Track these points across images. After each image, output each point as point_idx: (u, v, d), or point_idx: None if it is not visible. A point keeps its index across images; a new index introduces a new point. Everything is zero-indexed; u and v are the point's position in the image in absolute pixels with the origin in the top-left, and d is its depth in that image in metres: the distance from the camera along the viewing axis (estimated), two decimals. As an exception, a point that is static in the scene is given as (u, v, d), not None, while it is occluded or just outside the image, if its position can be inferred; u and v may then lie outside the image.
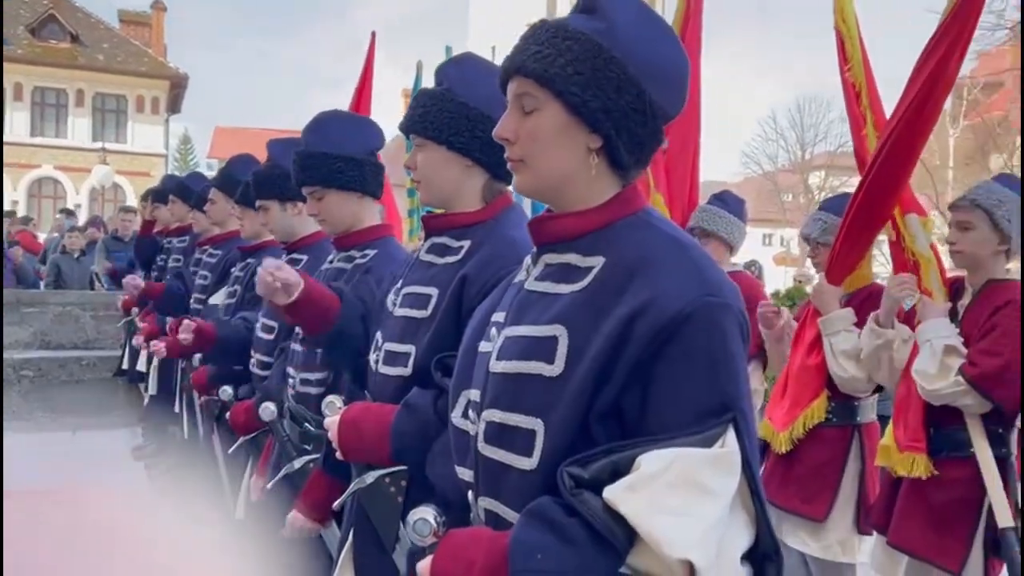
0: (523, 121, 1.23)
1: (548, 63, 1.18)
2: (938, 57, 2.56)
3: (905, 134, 2.67)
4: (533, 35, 1.23)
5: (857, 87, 3.06)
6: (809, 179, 32.30)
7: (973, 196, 2.66)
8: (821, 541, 2.98)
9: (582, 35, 1.18)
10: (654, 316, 1.09)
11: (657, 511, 1.02)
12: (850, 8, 3.12)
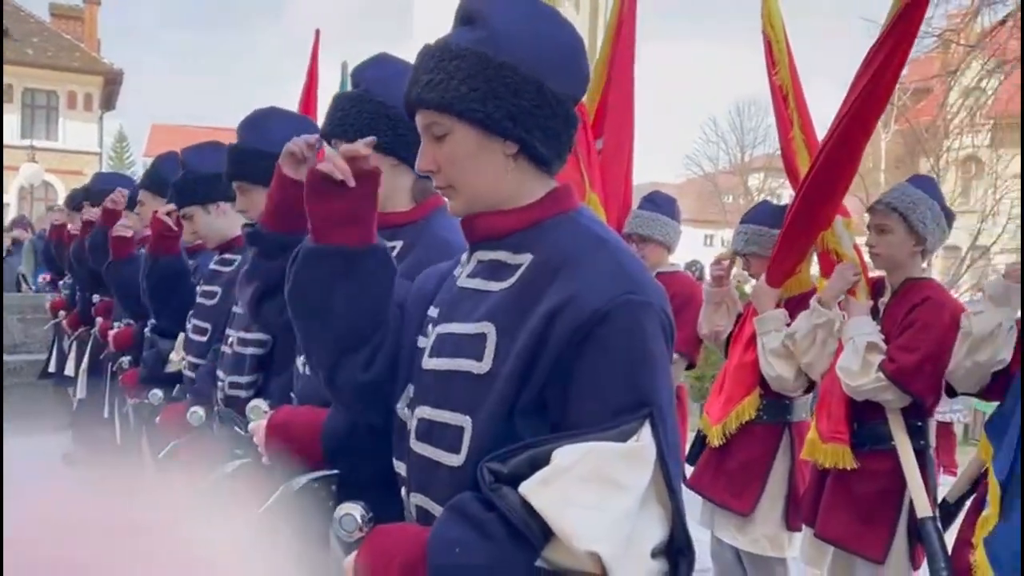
0: (438, 149, 1.24)
1: (443, 90, 1.19)
2: (876, 67, 2.63)
3: (844, 141, 2.74)
4: (422, 64, 1.24)
5: (784, 90, 3.14)
6: (749, 181, 32.92)
7: (889, 200, 2.75)
8: (749, 535, 3.05)
9: (467, 51, 1.19)
10: (574, 313, 1.11)
11: (568, 504, 1.04)
12: (777, 13, 3.20)
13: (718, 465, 3.12)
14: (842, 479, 2.72)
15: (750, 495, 3.03)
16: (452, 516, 1.12)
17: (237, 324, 2.27)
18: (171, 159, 3.52)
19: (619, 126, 3.59)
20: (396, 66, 1.77)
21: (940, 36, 10.57)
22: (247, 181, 2.18)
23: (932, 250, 2.80)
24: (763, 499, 3.03)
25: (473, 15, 1.22)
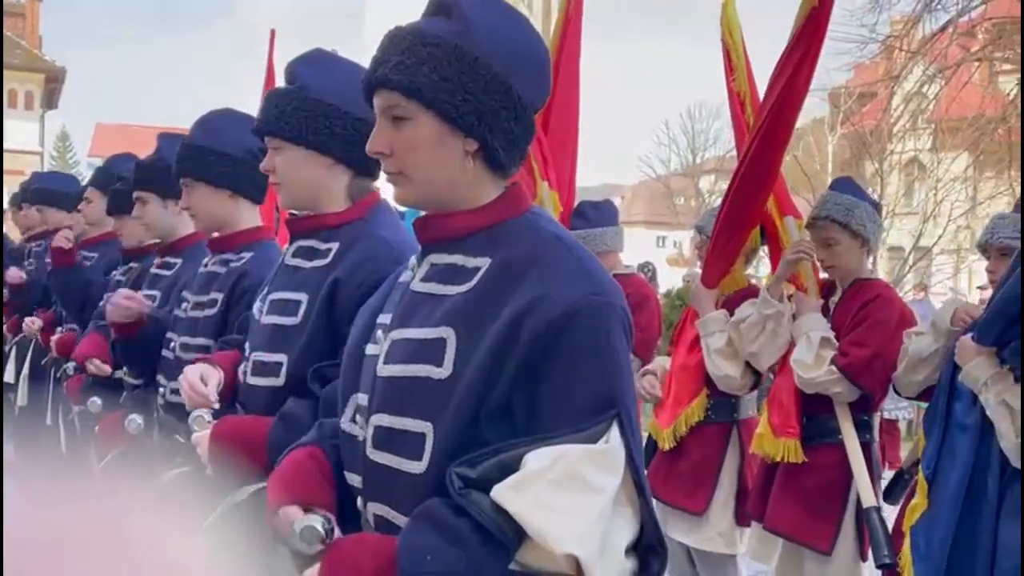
0: (395, 133, 1.21)
1: (412, 74, 1.16)
2: (788, 73, 2.69)
3: (765, 143, 2.81)
4: (391, 44, 1.21)
5: (742, 96, 3.20)
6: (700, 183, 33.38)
7: (826, 213, 2.83)
8: (703, 534, 3.09)
9: (441, 40, 1.17)
10: (540, 315, 1.11)
11: (542, 508, 1.04)
12: (735, 21, 3.26)
13: (670, 467, 3.15)
14: (791, 472, 2.78)
15: (702, 495, 3.07)
16: (421, 523, 1.11)
17: (180, 328, 2.23)
18: (124, 159, 3.44)
19: (563, 127, 3.60)
20: (333, 63, 1.75)
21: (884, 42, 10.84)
22: (192, 177, 2.14)
23: (875, 247, 2.91)
24: (715, 497, 3.07)
25: (449, 7, 1.21)
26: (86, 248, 3.85)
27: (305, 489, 1.30)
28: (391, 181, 1.27)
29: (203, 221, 2.20)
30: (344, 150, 1.68)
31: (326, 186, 1.71)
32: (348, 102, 1.67)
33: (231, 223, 2.20)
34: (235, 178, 2.15)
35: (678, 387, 3.20)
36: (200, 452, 1.68)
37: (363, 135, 1.68)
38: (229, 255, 2.18)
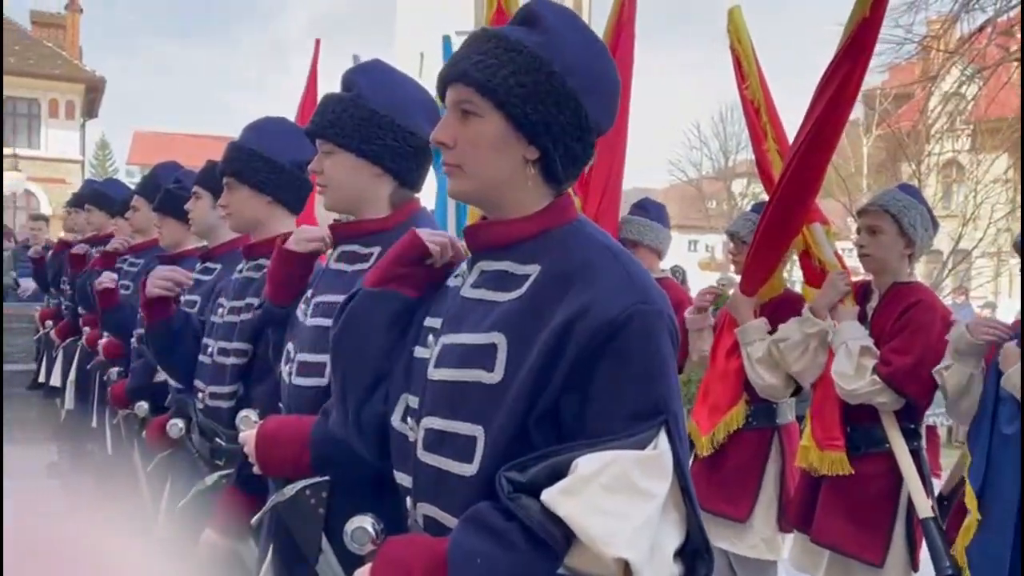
0: (462, 127, 1.24)
1: (491, 73, 1.19)
2: (839, 78, 2.67)
3: (810, 152, 2.79)
4: (475, 43, 1.24)
5: (756, 103, 3.19)
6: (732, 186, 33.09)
7: (881, 202, 2.80)
8: (747, 541, 3.07)
9: (524, 47, 1.20)
10: (590, 322, 1.12)
11: (593, 512, 1.05)
12: (743, 28, 3.26)
13: (710, 474, 3.13)
14: (837, 484, 2.74)
15: (745, 501, 3.05)
16: (471, 526, 1.12)
17: (216, 333, 2.26)
18: (169, 167, 3.51)
19: (613, 135, 3.60)
20: (390, 75, 1.78)
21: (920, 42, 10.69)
22: (236, 179, 2.17)
23: (919, 255, 2.85)
24: (758, 504, 3.05)
25: (535, 19, 1.24)
26: (132, 254, 3.94)
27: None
28: (448, 173, 1.29)
29: (237, 221, 2.24)
30: (392, 161, 1.71)
31: (370, 193, 1.74)
32: (401, 114, 1.70)
33: (264, 228, 2.23)
34: (278, 186, 2.19)
35: (716, 393, 3.18)
36: (247, 451, 1.72)
37: (412, 148, 1.72)
38: (263, 260, 2.22)
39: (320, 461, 1.63)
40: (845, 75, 2.67)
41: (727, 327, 3.23)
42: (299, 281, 1.91)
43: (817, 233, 3.02)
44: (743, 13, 3.25)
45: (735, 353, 3.14)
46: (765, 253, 3.04)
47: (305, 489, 1.65)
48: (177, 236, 3.17)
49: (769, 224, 2.96)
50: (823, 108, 2.70)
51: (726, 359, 3.19)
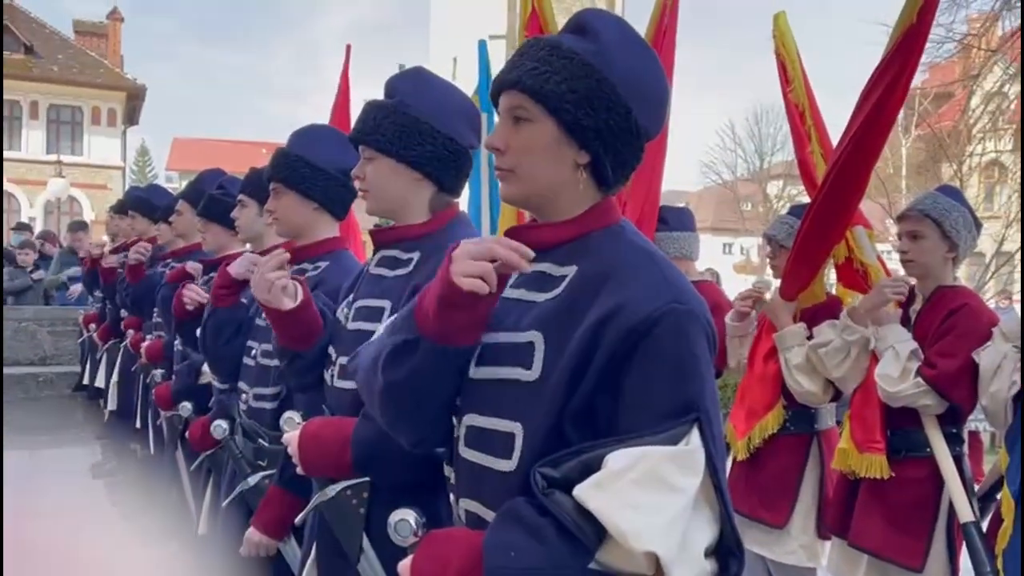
0: (514, 133, 1.27)
1: (544, 80, 1.23)
2: (885, 83, 2.64)
3: (854, 157, 2.75)
4: (528, 51, 1.27)
5: (800, 107, 3.17)
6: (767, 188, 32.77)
7: (922, 207, 2.76)
8: (784, 547, 3.03)
9: (575, 55, 1.23)
10: (623, 320, 1.14)
11: (623, 506, 1.06)
12: (789, 33, 3.23)
13: (747, 479, 3.10)
14: (876, 487, 2.71)
15: (783, 507, 3.01)
16: (506, 521, 1.15)
17: (260, 337, 2.30)
18: (214, 174, 3.58)
19: (654, 141, 3.56)
20: (432, 82, 1.80)
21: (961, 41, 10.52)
22: (284, 184, 2.22)
23: (963, 257, 2.80)
24: (796, 510, 3.02)
25: (587, 27, 1.27)
26: (176, 258, 4.01)
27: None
28: (500, 178, 1.32)
29: (283, 226, 2.27)
30: (432, 166, 1.74)
31: (410, 198, 1.77)
32: (441, 120, 1.73)
33: (309, 233, 2.27)
34: (324, 192, 2.23)
35: (753, 398, 3.16)
36: (290, 451, 1.75)
37: (452, 154, 1.75)
38: (306, 264, 2.26)
39: (361, 462, 1.66)
40: (891, 81, 2.63)
41: (765, 331, 3.20)
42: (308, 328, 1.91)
43: (860, 236, 2.99)
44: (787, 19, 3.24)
45: (773, 357, 3.11)
46: (807, 257, 3.00)
47: (346, 489, 1.68)
48: (221, 241, 3.23)
49: (811, 228, 2.93)
50: (867, 113, 2.67)
51: (764, 363, 3.17)
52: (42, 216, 26.76)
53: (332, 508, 1.69)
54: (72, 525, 0.93)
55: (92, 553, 0.80)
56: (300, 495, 1.90)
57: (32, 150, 27.88)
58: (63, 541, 0.83)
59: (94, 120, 28.79)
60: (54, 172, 23.07)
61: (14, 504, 0.97)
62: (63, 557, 1.11)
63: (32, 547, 0.92)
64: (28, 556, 0.91)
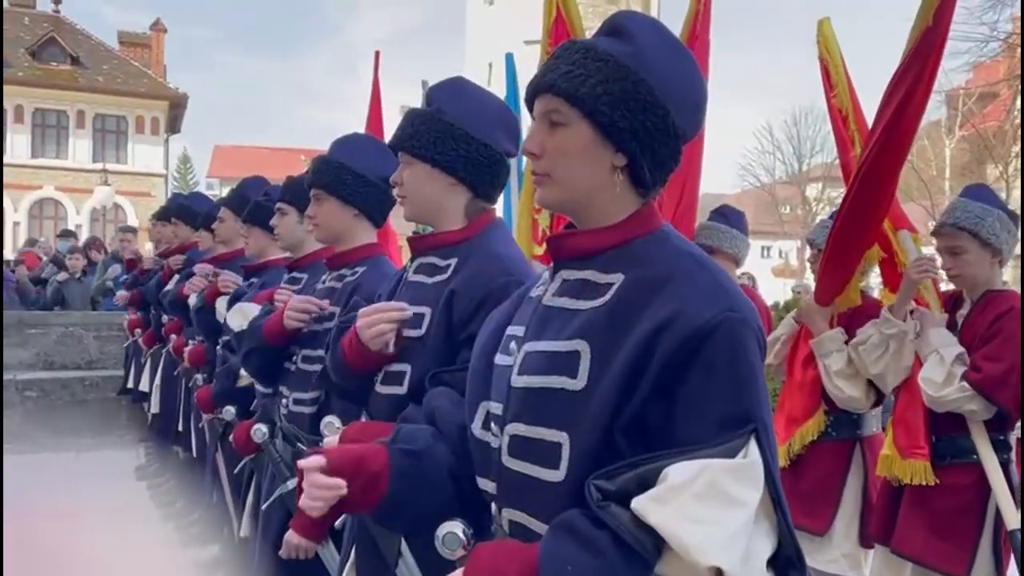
0: (550, 137, 1.26)
1: (579, 83, 1.22)
2: (905, 88, 2.61)
3: (880, 161, 2.72)
4: (563, 55, 1.27)
5: (844, 111, 3.14)
6: (806, 191, 32.39)
7: (954, 220, 2.70)
8: (826, 555, 2.99)
9: (611, 57, 1.22)
10: (678, 330, 1.12)
11: (685, 520, 1.05)
12: (833, 38, 3.20)
13: (790, 485, 3.04)
14: (920, 493, 2.66)
15: (824, 514, 2.97)
16: (561, 533, 1.13)
17: (302, 342, 2.32)
18: (256, 181, 3.65)
19: (688, 156, 3.53)
20: (469, 91, 1.82)
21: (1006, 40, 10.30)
22: (326, 191, 2.24)
23: (1007, 258, 2.75)
24: (838, 517, 2.98)
25: (622, 29, 1.26)
26: (218, 264, 4.09)
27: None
28: (537, 182, 1.31)
29: (323, 232, 2.30)
30: (468, 172, 1.76)
31: (446, 203, 1.79)
32: (476, 126, 1.75)
33: (348, 239, 2.30)
34: (365, 199, 2.26)
35: (793, 404, 3.12)
36: None
37: (488, 160, 1.76)
38: (344, 270, 2.29)
39: None
40: (911, 85, 2.60)
41: (803, 337, 3.16)
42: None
43: (904, 240, 2.94)
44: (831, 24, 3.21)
45: (812, 363, 3.07)
46: (838, 261, 2.97)
47: None
48: (262, 245, 3.29)
49: (841, 234, 2.90)
50: (888, 119, 2.65)
51: (803, 369, 3.13)
52: (88, 223, 27.38)
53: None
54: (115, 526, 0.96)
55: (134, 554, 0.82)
56: None
57: (79, 159, 28.56)
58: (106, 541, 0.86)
59: (138, 129, 29.41)
60: (100, 180, 23.60)
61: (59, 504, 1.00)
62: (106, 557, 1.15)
63: (75, 546, 0.95)
64: (72, 555, 0.94)
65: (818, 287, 3.09)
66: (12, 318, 7.19)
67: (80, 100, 28.42)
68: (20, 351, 7.06)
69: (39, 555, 0.92)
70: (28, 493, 2.95)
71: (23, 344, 7.08)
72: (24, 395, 6.59)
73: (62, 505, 2.55)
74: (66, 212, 28.33)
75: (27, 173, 27.73)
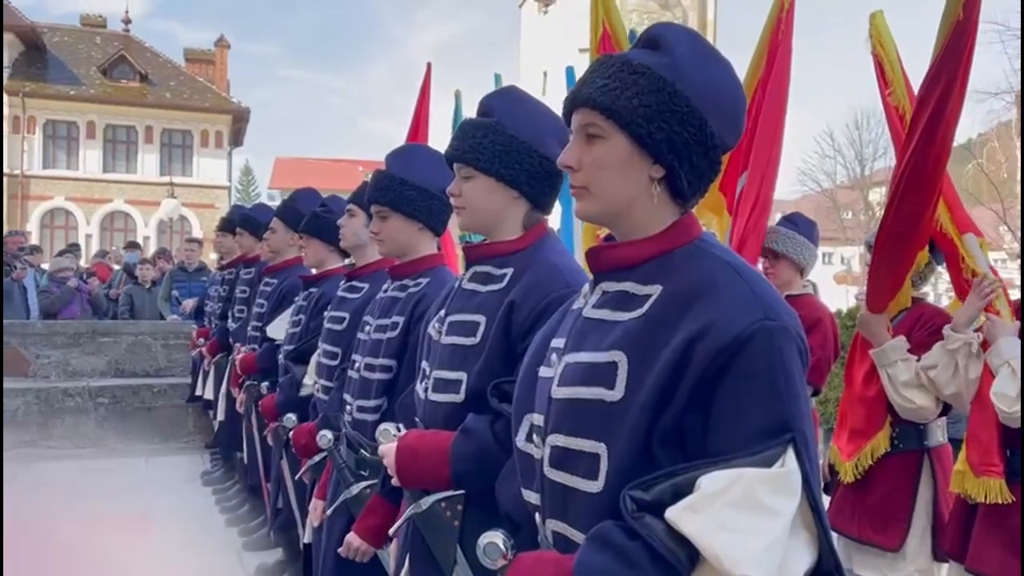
0: (587, 150, 1.27)
1: (615, 96, 1.22)
2: (940, 88, 2.56)
3: (920, 164, 2.67)
4: (599, 68, 1.27)
5: (900, 110, 3.06)
6: (869, 195, 31.60)
7: None
8: (899, 571, 2.91)
9: (647, 69, 1.23)
10: (713, 339, 1.11)
11: (719, 529, 1.04)
12: (887, 33, 3.13)
13: (856, 501, 2.99)
14: (994, 511, 2.57)
15: (896, 529, 2.89)
16: (595, 545, 1.13)
17: (364, 350, 2.36)
18: (308, 193, 3.72)
19: (768, 148, 3.43)
20: (526, 101, 1.83)
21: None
22: (389, 207, 2.27)
23: None
24: (911, 532, 2.89)
25: (658, 41, 1.27)
26: (270, 275, 4.18)
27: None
28: (575, 195, 1.31)
29: (389, 247, 2.33)
30: (529, 184, 1.77)
31: (505, 215, 1.80)
32: (537, 140, 1.76)
33: (412, 251, 2.33)
34: (428, 212, 2.28)
35: (857, 418, 3.03)
36: (387, 463, 1.79)
37: (547, 172, 1.77)
38: (407, 281, 2.32)
39: (460, 477, 1.68)
40: (947, 83, 2.54)
41: (860, 348, 3.09)
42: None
43: (970, 244, 2.85)
44: (885, 18, 3.14)
45: (873, 377, 2.98)
46: (888, 266, 2.91)
47: (440, 502, 1.71)
48: (320, 256, 3.35)
49: (887, 237, 2.84)
50: (928, 120, 2.59)
51: (864, 383, 3.05)
52: (155, 235, 28.25)
53: (426, 519, 1.72)
54: (181, 530, 1.00)
55: (199, 558, 0.86)
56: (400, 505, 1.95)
57: (147, 172, 29.49)
58: (172, 544, 0.90)
59: (203, 143, 30.24)
60: (167, 193, 24.35)
61: (129, 507, 1.05)
62: (171, 560, 1.19)
63: (143, 549, 1.00)
64: (140, 557, 0.99)
65: (870, 294, 3.01)
66: (85, 327, 7.47)
67: (148, 116, 29.36)
68: (93, 359, 7.32)
69: (107, 557, 0.97)
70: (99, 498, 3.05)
71: (96, 352, 7.34)
72: (97, 401, 6.82)
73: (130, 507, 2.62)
74: (135, 224, 29.26)
75: (99, 187, 28.78)
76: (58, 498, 4.54)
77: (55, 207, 28.50)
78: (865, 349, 3.04)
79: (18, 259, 8.42)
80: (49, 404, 6.65)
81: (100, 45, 30.36)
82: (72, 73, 28.75)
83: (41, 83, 27.99)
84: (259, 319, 4.05)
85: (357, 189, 2.86)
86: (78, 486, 5.33)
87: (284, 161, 46.42)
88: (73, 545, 3.12)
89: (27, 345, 7.10)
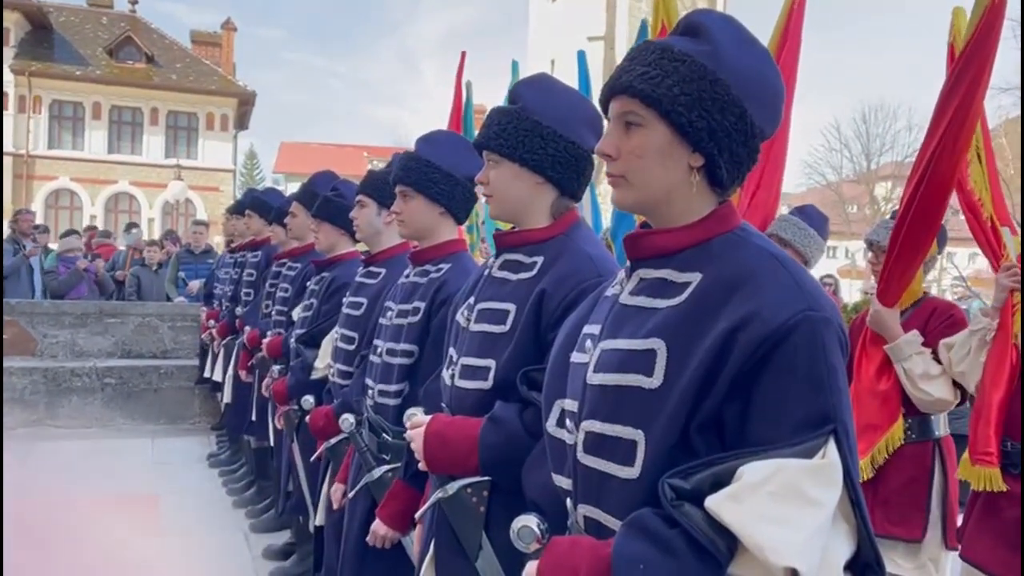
0: (625, 139, 1.26)
1: (655, 84, 1.21)
2: (962, 91, 2.56)
3: (943, 160, 2.69)
4: (639, 56, 1.26)
5: None
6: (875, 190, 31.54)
7: None
8: (916, 560, 2.92)
9: (687, 57, 1.21)
10: (756, 329, 1.11)
11: (761, 519, 1.03)
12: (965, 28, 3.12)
13: (873, 494, 2.98)
14: (990, 500, 2.60)
15: (917, 520, 2.90)
16: (634, 532, 1.13)
17: (385, 335, 2.36)
18: (326, 176, 3.70)
19: (775, 142, 3.46)
20: (554, 87, 1.82)
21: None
22: (413, 188, 2.27)
23: None
24: (930, 522, 2.90)
25: (699, 28, 1.25)
26: (290, 259, 4.17)
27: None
28: (612, 184, 1.30)
29: (409, 228, 2.33)
30: (555, 170, 1.76)
31: (533, 202, 1.79)
32: (564, 126, 1.75)
33: (432, 236, 2.33)
34: (451, 197, 2.28)
35: (869, 412, 3.03)
36: (414, 448, 1.79)
37: (574, 158, 1.76)
38: (428, 266, 2.31)
39: (488, 464, 1.68)
40: (971, 83, 2.55)
41: (869, 342, 3.08)
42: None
43: (1006, 238, 2.85)
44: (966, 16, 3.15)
45: (886, 371, 2.99)
46: (906, 262, 2.92)
47: (467, 487, 1.71)
48: (332, 240, 3.34)
49: (908, 233, 2.85)
50: (953, 113, 2.60)
51: (876, 378, 3.04)
52: (160, 217, 28.25)
53: (452, 505, 1.72)
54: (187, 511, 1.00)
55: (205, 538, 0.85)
56: (424, 490, 1.95)
57: (152, 155, 29.45)
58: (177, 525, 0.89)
59: (208, 125, 30.18)
60: (173, 175, 24.33)
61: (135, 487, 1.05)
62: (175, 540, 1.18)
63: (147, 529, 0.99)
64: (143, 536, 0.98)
65: (884, 289, 3.01)
66: (93, 307, 7.47)
67: (154, 98, 29.31)
68: (100, 339, 7.33)
69: (113, 537, 0.96)
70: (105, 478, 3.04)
71: (103, 333, 7.34)
72: (104, 382, 6.83)
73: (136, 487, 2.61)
74: (140, 206, 29.25)
75: (104, 168, 28.76)
76: (63, 477, 4.54)
77: (60, 188, 28.50)
78: (875, 343, 3.04)
79: (30, 237, 8.41)
80: (56, 384, 6.67)
81: (106, 25, 30.27)
82: (78, 53, 28.68)
83: (47, 63, 27.92)
84: (283, 304, 4.03)
85: (365, 179, 2.86)
86: (84, 466, 5.34)
87: (289, 145, 46.31)
88: (78, 525, 3.14)
89: (34, 324, 7.10)
